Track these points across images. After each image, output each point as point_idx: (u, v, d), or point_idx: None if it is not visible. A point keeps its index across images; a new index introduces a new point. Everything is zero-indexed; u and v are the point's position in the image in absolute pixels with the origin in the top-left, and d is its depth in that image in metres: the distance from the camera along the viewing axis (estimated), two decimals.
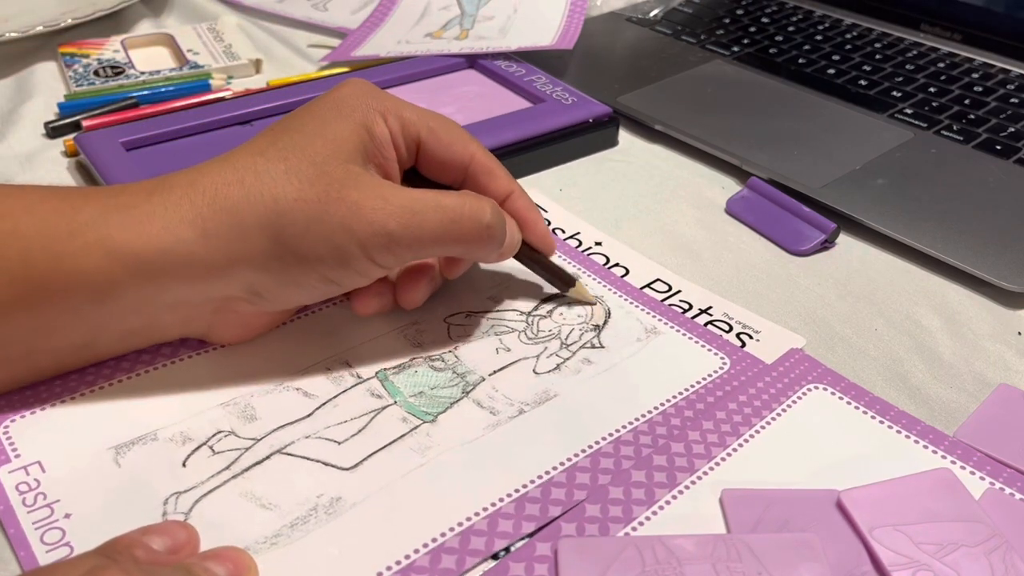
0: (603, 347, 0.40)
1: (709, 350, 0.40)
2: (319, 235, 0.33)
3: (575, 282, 0.42)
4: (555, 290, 0.43)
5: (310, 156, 0.34)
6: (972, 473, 0.34)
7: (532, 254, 0.41)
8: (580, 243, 0.47)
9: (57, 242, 0.32)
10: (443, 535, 0.31)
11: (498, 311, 0.42)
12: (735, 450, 0.35)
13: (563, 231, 0.48)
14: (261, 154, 0.34)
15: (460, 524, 0.31)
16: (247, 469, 0.33)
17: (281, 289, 0.35)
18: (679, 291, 0.44)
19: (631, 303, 0.43)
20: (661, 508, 0.32)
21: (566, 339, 0.40)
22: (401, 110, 0.37)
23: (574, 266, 0.45)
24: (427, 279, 0.40)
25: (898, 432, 0.36)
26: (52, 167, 0.53)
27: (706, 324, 0.42)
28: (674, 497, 0.33)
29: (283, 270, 0.34)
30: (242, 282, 0.34)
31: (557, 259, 0.45)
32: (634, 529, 0.32)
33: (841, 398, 0.37)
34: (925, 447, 0.35)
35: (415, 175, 0.39)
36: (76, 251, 0.32)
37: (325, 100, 0.36)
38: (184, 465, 0.33)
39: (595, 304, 0.43)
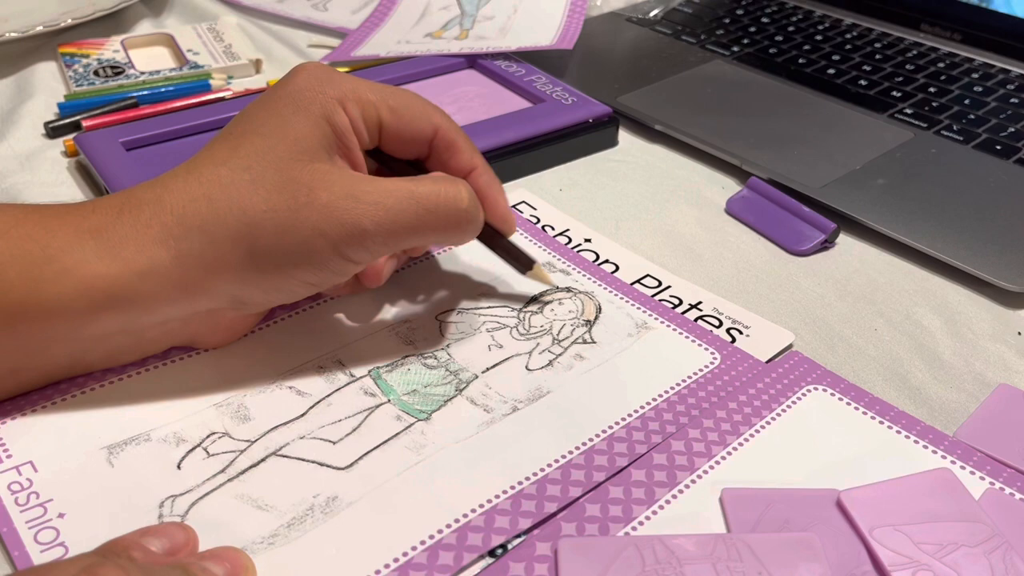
0: (595, 342, 0.40)
1: (699, 345, 0.40)
2: (293, 243, 0.33)
3: (534, 264, 0.41)
4: (515, 272, 0.42)
5: (274, 162, 0.33)
6: (972, 473, 0.34)
7: (492, 234, 0.40)
8: (570, 240, 0.47)
9: (33, 267, 0.31)
10: (440, 532, 0.31)
11: (490, 307, 0.42)
12: (735, 449, 0.35)
13: (552, 228, 0.48)
14: (224, 164, 0.33)
15: (457, 521, 0.31)
16: (243, 472, 0.33)
17: (263, 295, 0.35)
18: (669, 286, 0.44)
19: (622, 298, 0.43)
20: (661, 508, 0.32)
21: (558, 335, 0.40)
22: (359, 92, 0.36)
23: (564, 263, 0.45)
24: (393, 259, 0.39)
25: (898, 432, 0.36)
26: (52, 167, 0.53)
27: (696, 319, 0.42)
28: (674, 496, 0.33)
29: (263, 279, 0.34)
30: (224, 295, 0.34)
31: (546, 254, 0.45)
32: (634, 529, 0.31)
33: (841, 399, 0.37)
34: (925, 447, 0.35)
35: (378, 152, 0.39)
36: (53, 276, 0.31)
37: (280, 93, 0.35)
38: (179, 467, 0.33)
39: (554, 286, 0.43)
